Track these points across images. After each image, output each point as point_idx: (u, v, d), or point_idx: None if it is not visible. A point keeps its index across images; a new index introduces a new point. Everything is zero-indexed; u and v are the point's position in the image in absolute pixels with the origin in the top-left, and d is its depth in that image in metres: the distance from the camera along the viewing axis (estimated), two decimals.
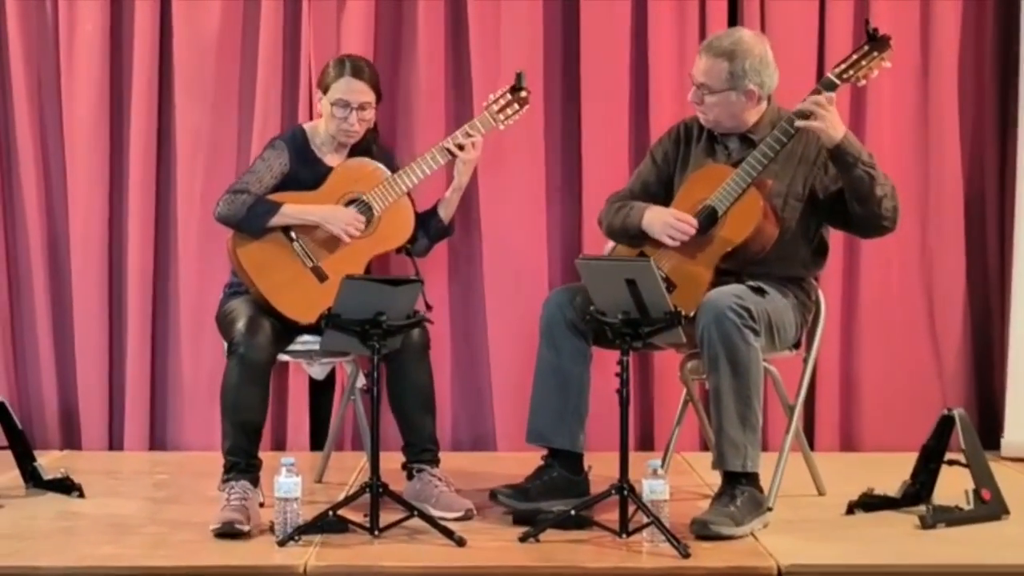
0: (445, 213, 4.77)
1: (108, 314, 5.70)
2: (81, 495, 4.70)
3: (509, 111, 4.79)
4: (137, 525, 4.34)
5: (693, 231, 4.31)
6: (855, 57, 4.34)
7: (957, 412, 4.40)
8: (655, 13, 5.63)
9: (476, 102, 5.49)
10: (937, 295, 5.72)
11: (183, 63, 5.66)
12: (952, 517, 4.25)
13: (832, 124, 4.23)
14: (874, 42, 4.33)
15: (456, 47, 5.71)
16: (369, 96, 4.64)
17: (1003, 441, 5.46)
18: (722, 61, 4.38)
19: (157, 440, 5.74)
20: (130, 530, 4.27)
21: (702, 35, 5.57)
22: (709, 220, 4.32)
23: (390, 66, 5.67)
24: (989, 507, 4.31)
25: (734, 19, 5.64)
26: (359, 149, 4.72)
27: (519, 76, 4.82)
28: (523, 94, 4.81)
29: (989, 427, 5.59)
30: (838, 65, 4.36)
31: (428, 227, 4.77)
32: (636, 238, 4.45)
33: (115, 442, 5.73)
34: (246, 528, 4.09)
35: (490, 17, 5.63)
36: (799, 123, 4.25)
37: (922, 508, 4.29)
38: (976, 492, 4.30)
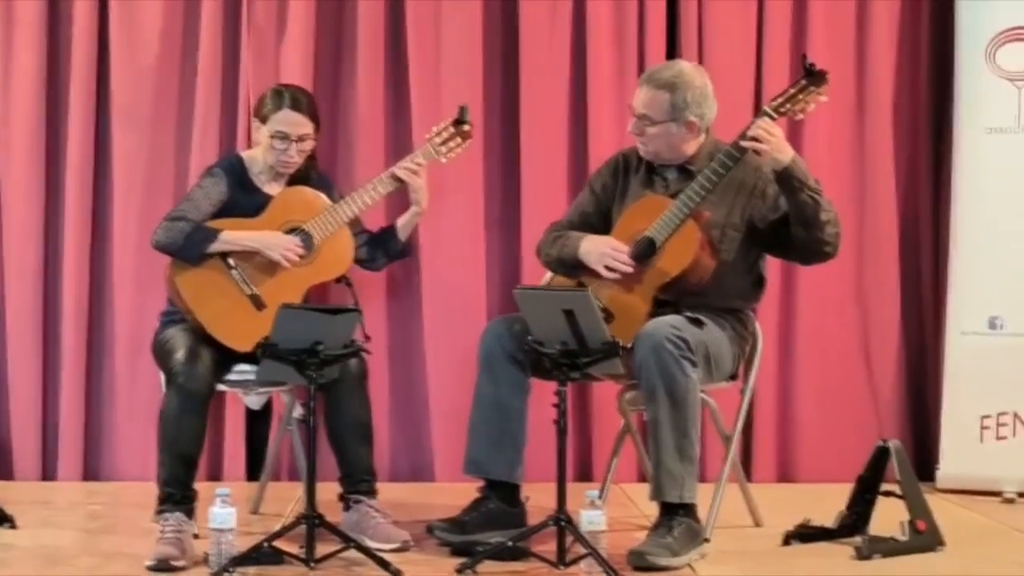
0: (404, 234, 4.78)
1: (42, 343, 5.64)
2: (13, 526, 4.63)
3: (452, 144, 4.80)
4: (71, 556, 4.29)
5: (628, 262, 4.32)
6: (792, 91, 4.37)
7: (892, 444, 4.43)
8: (594, 45, 5.65)
9: (416, 132, 5.49)
10: (873, 328, 5.77)
11: (120, 91, 5.62)
12: (888, 548, 4.27)
13: (779, 148, 4.25)
14: (811, 76, 4.35)
15: (396, 77, 5.71)
16: (308, 127, 4.62)
17: (938, 473, 5.49)
18: (663, 93, 4.40)
19: (91, 470, 5.68)
20: (63, 561, 4.23)
21: (640, 67, 5.59)
22: (647, 251, 4.33)
23: (329, 94, 5.66)
24: (924, 538, 4.34)
25: (672, 52, 5.68)
26: (297, 177, 4.71)
27: (463, 110, 4.82)
28: (466, 128, 4.81)
29: (924, 459, 5.62)
30: (775, 98, 4.38)
31: (388, 247, 4.79)
32: (574, 268, 4.46)
33: (48, 472, 5.66)
34: (181, 563, 4.05)
35: (430, 47, 5.64)
36: (745, 143, 4.26)
37: (858, 539, 4.31)
38: (911, 523, 4.33)
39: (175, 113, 5.66)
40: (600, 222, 4.56)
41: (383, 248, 4.79)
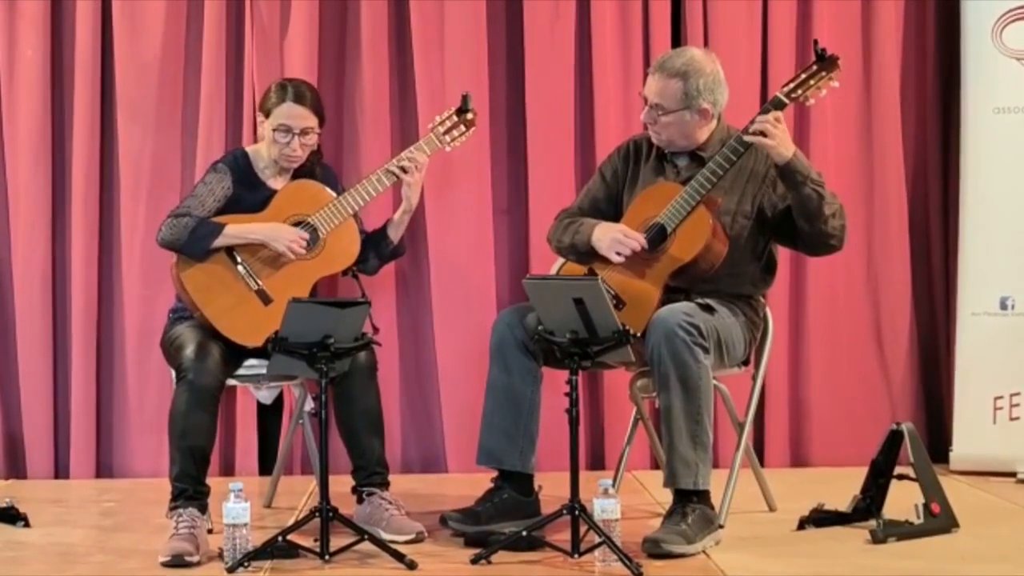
0: (395, 234, 4.76)
1: (52, 340, 5.64)
2: (27, 524, 4.63)
3: (456, 132, 4.78)
4: (84, 554, 4.29)
5: (639, 247, 4.31)
6: (804, 76, 4.36)
7: (906, 426, 4.42)
8: (598, 32, 5.63)
9: (421, 122, 5.47)
10: (884, 311, 5.76)
11: (125, 86, 5.61)
12: (902, 531, 4.27)
13: (782, 142, 4.24)
14: (822, 62, 4.34)
15: (400, 67, 5.70)
16: (311, 121, 4.61)
17: (951, 454, 5.48)
18: (676, 81, 4.39)
19: (104, 467, 5.68)
20: (77, 559, 4.23)
21: (646, 54, 5.60)
22: (658, 238, 4.32)
23: (334, 87, 5.66)
24: (939, 520, 4.33)
25: (677, 38, 5.66)
26: (302, 171, 4.69)
27: (465, 98, 4.81)
28: (469, 116, 4.80)
29: (937, 441, 5.62)
30: (787, 84, 4.37)
31: (379, 248, 4.76)
32: (586, 255, 4.45)
33: (61, 470, 5.66)
34: (195, 559, 4.05)
35: (434, 37, 5.62)
36: (749, 137, 4.26)
37: (873, 523, 4.30)
38: (926, 506, 4.32)
39: (180, 108, 5.65)
40: (610, 208, 4.55)
41: (375, 249, 4.76)
